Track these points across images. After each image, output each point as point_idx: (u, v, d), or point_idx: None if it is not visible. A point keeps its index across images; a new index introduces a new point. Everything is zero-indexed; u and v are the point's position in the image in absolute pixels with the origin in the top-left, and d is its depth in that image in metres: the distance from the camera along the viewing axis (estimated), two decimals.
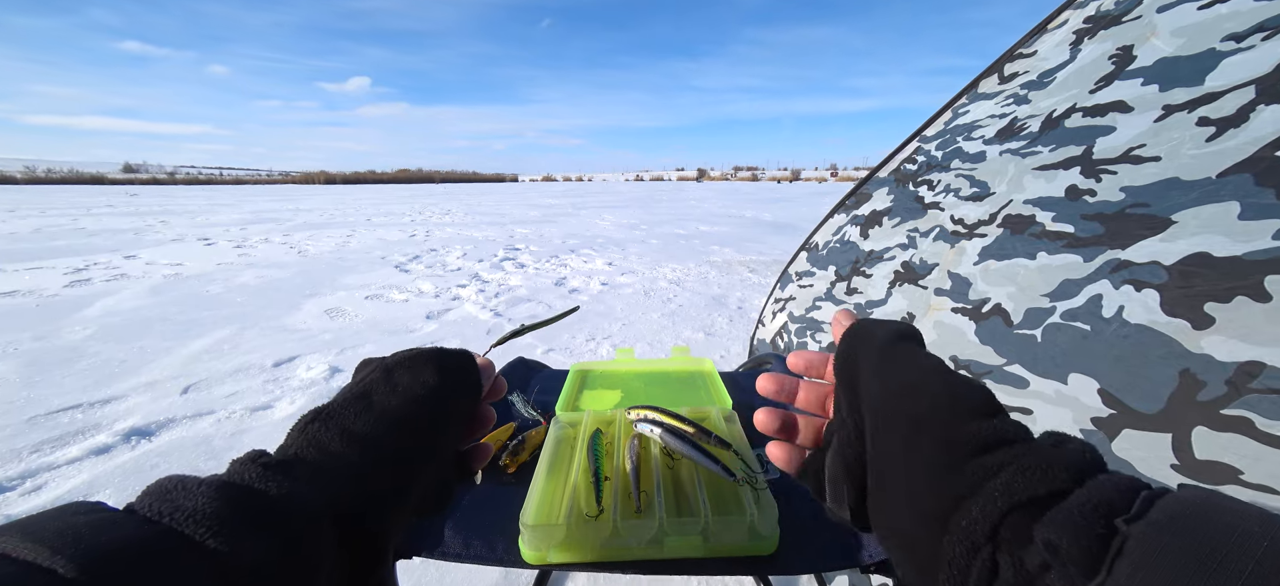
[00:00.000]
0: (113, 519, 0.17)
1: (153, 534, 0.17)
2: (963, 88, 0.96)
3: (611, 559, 0.46)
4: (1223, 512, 0.14)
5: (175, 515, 0.18)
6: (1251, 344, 0.34)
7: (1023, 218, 0.61)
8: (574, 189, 29.13)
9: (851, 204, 1.28)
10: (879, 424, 0.22)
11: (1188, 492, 0.16)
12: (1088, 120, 0.56)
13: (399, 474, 0.26)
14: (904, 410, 0.21)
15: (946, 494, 0.18)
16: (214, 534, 0.17)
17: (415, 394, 0.28)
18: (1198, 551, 0.13)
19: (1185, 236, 0.40)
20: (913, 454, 0.20)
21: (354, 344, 2.39)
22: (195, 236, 6.38)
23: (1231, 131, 0.39)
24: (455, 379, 0.30)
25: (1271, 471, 0.32)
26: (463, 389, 0.31)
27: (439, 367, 0.30)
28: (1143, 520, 0.14)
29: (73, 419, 1.67)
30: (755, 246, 5.47)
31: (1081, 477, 0.17)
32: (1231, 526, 0.13)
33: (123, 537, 0.16)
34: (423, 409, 0.28)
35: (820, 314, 1.16)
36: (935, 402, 0.21)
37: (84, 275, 3.91)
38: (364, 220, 8.59)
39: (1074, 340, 0.47)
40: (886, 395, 0.23)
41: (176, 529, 0.17)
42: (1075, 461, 0.17)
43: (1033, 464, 0.17)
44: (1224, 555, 0.13)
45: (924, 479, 0.19)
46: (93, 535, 0.15)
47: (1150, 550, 0.13)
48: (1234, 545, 0.13)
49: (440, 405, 0.29)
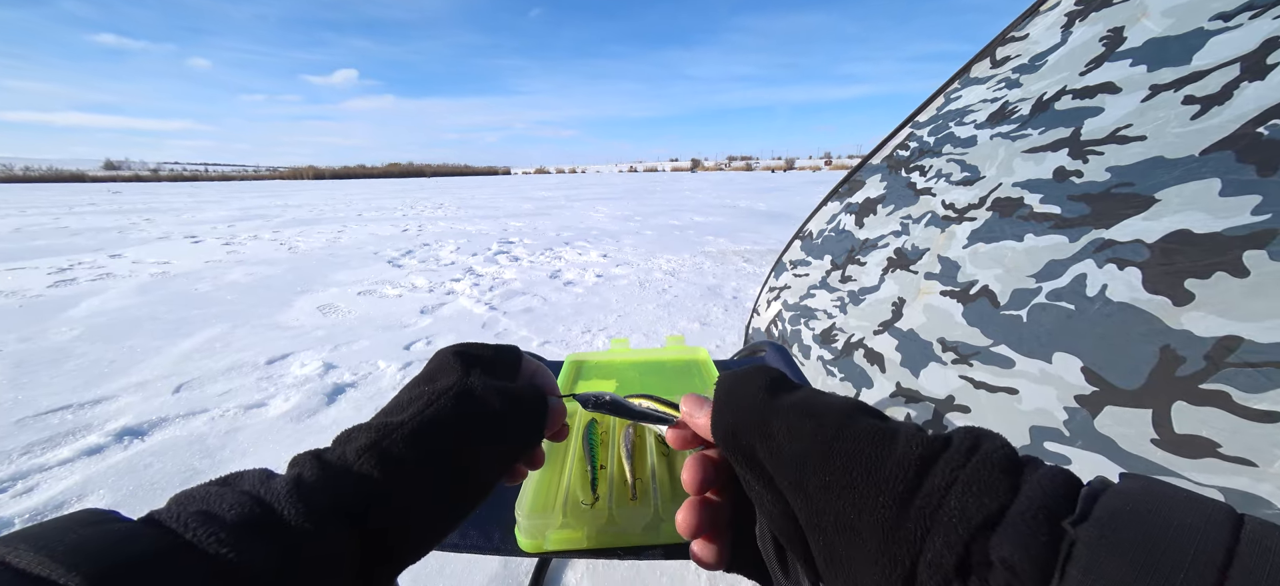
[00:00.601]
0: (129, 531, 0.17)
1: (170, 547, 0.16)
2: (955, 72, 0.96)
3: (608, 545, 0.46)
4: (1161, 504, 0.14)
5: (202, 529, 0.17)
6: (1229, 319, 0.35)
7: (1011, 200, 0.61)
8: (567, 181, 28.91)
9: (845, 191, 1.28)
10: (805, 489, 0.20)
11: (1127, 483, 0.16)
12: (1077, 102, 0.56)
13: (452, 512, 0.26)
14: (822, 465, 0.19)
15: (904, 543, 0.17)
16: (235, 551, 0.17)
17: (487, 436, 0.28)
18: (1141, 549, 0.13)
19: (1168, 214, 0.40)
20: (859, 513, 0.18)
21: (348, 340, 2.37)
22: (182, 234, 6.27)
23: (1215, 109, 0.39)
24: (529, 427, 0.30)
25: (1248, 444, 0.33)
26: (530, 436, 0.31)
27: (515, 421, 0.29)
28: (1088, 521, 0.14)
29: (63, 420, 1.65)
30: (750, 236, 5.47)
31: (1015, 479, 0.16)
32: (1169, 520, 0.14)
33: (140, 552, 0.15)
34: (489, 453, 0.28)
35: (814, 302, 1.17)
36: (851, 448, 0.19)
37: (68, 275, 3.84)
38: (355, 215, 8.48)
39: (1058, 320, 0.48)
40: (796, 459, 0.20)
41: (198, 545, 0.17)
42: (1002, 461, 0.17)
43: (973, 479, 0.17)
44: (1164, 551, 0.13)
45: (879, 536, 0.17)
46: (108, 550, 0.15)
47: (1097, 552, 0.14)
48: (1172, 540, 0.13)
49: (505, 460, 0.29)
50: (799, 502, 0.20)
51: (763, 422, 0.21)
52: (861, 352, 0.86)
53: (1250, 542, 0.13)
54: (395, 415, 0.26)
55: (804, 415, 0.21)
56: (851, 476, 0.18)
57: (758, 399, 0.22)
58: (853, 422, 0.20)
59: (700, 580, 1.01)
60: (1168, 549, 0.13)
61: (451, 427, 0.26)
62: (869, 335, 0.86)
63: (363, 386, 1.91)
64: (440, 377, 0.29)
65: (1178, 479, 0.36)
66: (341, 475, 0.22)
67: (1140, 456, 0.38)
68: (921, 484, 0.17)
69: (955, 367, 0.61)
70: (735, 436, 0.23)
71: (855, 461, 0.18)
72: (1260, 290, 0.34)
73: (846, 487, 0.18)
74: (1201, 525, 0.13)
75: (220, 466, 1.43)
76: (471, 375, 0.29)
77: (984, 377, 0.56)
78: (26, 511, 1.22)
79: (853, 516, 0.18)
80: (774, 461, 0.21)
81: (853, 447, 0.19)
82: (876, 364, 0.81)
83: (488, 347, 0.32)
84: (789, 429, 0.21)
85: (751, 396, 0.23)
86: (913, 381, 0.69)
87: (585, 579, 1.02)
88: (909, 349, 0.73)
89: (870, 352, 0.84)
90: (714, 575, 1.02)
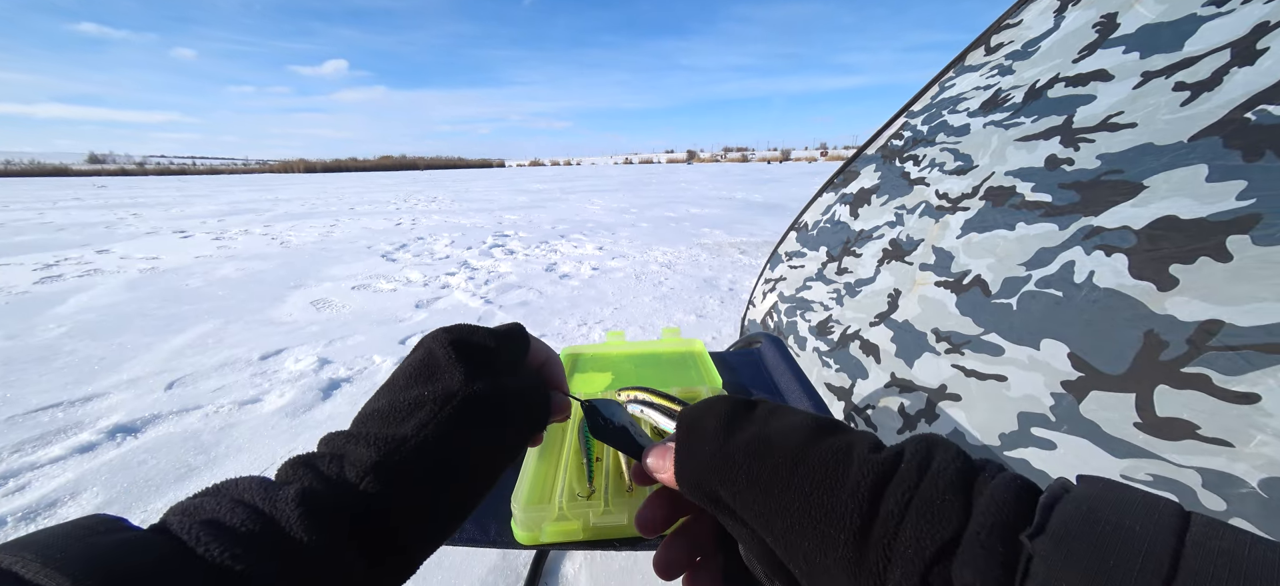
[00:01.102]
0: (136, 540, 0.16)
1: (178, 557, 0.16)
2: (950, 61, 0.95)
3: (605, 536, 0.47)
4: (1113, 511, 0.15)
5: (215, 543, 0.17)
6: (1212, 303, 0.35)
7: (1004, 189, 0.62)
8: (562, 173, 28.71)
9: (840, 182, 1.28)
10: (772, 528, 0.20)
11: (1083, 489, 0.16)
12: (1069, 90, 0.56)
13: (456, 517, 0.26)
14: (782, 506, 0.19)
15: (869, 576, 0.17)
16: (249, 568, 0.17)
17: (486, 456, 0.27)
18: (1092, 558, 0.14)
19: (1156, 200, 0.41)
20: (824, 552, 0.18)
21: (342, 335, 2.36)
22: (170, 229, 6.18)
23: (1205, 95, 0.39)
24: (529, 431, 0.30)
25: (1225, 425, 0.34)
26: (535, 431, 0.30)
27: (521, 423, 0.29)
28: (1044, 534, 0.15)
29: (53, 417, 1.64)
30: (746, 228, 5.47)
31: (967, 497, 0.17)
32: (1119, 525, 0.14)
33: (149, 564, 0.15)
34: (489, 469, 0.27)
35: (810, 293, 1.18)
36: (805, 484, 0.19)
37: (55, 271, 3.77)
38: (347, 209, 8.38)
39: (1047, 307, 0.48)
40: (758, 500, 0.20)
41: (207, 557, 0.16)
42: (952, 476, 0.17)
43: (925, 503, 0.17)
44: (1114, 560, 0.13)
45: (847, 571, 0.18)
46: (116, 560, 0.15)
47: (1053, 563, 0.14)
48: (1122, 548, 0.14)
49: (506, 459, 0.28)
50: (770, 540, 0.20)
51: (722, 467, 0.21)
52: (857, 344, 0.87)
53: (1195, 545, 0.13)
54: (395, 424, 0.25)
55: (761, 454, 0.21)
56: (811, 514, 0.18)
57: (715, 441, 0.22)
58: (806, 452, 0.20)
59: None
60: (1118, 557, 0.13)
61: (459, 442, 0.25)
62: (865, 326, 0.87)
63: (358, 381, 1.91)
64: (440, 378, 0.27)
65: (1158, 460, 0.37)
66: (346, 491, 0.22)
67: (1123, 439, 0.39)
68: (877, 512, 0.17)
69: (948, 357, 0.62)
70: (699, 485, 0.22)
71: (812, 497, 0.19)
72: (1242, 274, 0.34)
73: (809, 525, 0.18)
74: (1149, 530, 0.14)
75: (216, 462, 1.42)
76: (476, 378, 0.27)
77: (975, 366, 0.56)
78: (19, 509, 1.21)
79: (819, 555, 0.18)
80: (740, 504, 0.21)
81: (807, 484, 0.19)
82: (872, 355, 0.81)
83: (488, 335, 0.30)
84: (747, 472, 0.21)
85: (710, 438, 0.22)
86: (907, 371, 0.70)
87: (583, 569, 1.03)
88: (904, 340, 0.74)
89: (866, 344, 0.84)
90: None
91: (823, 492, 0.18)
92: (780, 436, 0.21)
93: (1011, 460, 0.49)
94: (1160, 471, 0.36)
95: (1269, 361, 0.32)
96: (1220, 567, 0.13)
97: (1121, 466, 0.38)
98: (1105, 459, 0.40)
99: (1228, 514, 0.32)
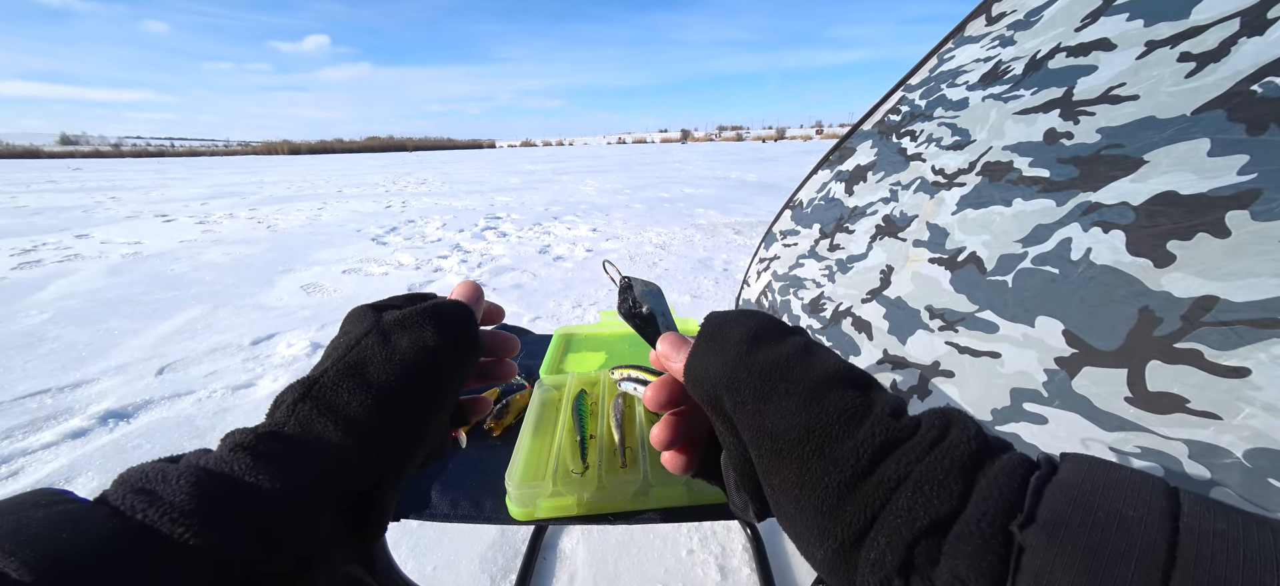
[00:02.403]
0: (77, 512, 0.16)
1: (118, 529, 0.15)
2: (950, 31, 0.93)
3: (599, 511, 0.47)
4: (1103, 496, 0.14)
5: (149, 509, 0.16)
6: (1208, 279, 0.35)
7: (1001, 164, 0.61)
8: (554, 154, 28.21)
9: (835, 159, 1.27)
10: (759, 447, 0.20)
11: (1068, 471, 0.16)
12: (1071, 60, 0.55)
13: (397, 452, 0.25)
14: (780, 431, 0.19)
15: (847, 525, 0.17)
16: (189, 529, 0.16)
17: (413, 361, 0.26)
18: (1087, 554, 0.13)
19: (1156, 175, 0.40)
20: (802, 487, 0.18)
21: (334, 319, 2.34)
22: (152, 213, 6.02)
23: (1211, 67, 0.38)
24: (455, 338, 0.28)
25: (1214, 398, 0.34)
26: (463, 349, 0.29)
27: (437, 328, 0.28)
28: (1034, 524, 0.14)
29: (42, 404, 1.62)
30: (741, 208, 5.44)
31: (970, 479, 0.16)
32: (1111, 513, 0.14)
33: (85, 534, 0.15)
34: (421, 377, 0.26)
35: (803, 271, 1.17)
36: (814, 422, 0.18)
37: (32, 256, 3.67)
38: (335, 192, 8.20)
39: (1043, 284, 0.48)
40: (756, 418, 0.20)
41: (149, 524, 0.16)
42: (963, 456, 0.16)
43: (926, 477, 0.16)
44: (1109, 552, 0.13)
45: (817, 512, 0.18)
46: (52, 532, 0.14)
47: (1045, 559, 0.14)
48: (1116, 539, 0.13)
49: (439, 370, 0.27)
50: (755, 456, 0.20)
51: (733, 376, 0.21)
52: (849, 321, 0.87)
53: (1188, 529, 0.13)
54: (317, 370, 0.25)
55: (778, 377, 0.20)
56: (805, 450, 0.18)
57: (737, 349, 0.22)
58: (824, 394, 0.19)
59: (691, 542, 1.05)
60: (1113, 549, 0.13)
61: (376, 358, 0.25)
62: (857, 303, 0.87)
63: None
64: (355, 326, 0.28)
65: (1146, 433, 0.37)
66: (278, 429, 0.22)
67: (1113, 414, 0.39)
68: (873, 471, 0.17)
69: (941, 334, 0.62)
70: (702, 383, 0.22)
71: (814, 436, 0.18)
72: (1239, 250, 0.34)
73: (798, 459, 0.18)
74: (1142, 516, 0.14)
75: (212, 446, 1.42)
76: (385, 312, 0.28)
77: (968, 343, 0.57)
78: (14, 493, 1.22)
79: (796, 488, 0.18)
80: (738, 415, 0.21)
81: (817, 422, 0.19)
82: (864, 332, 0.82)
83: (402, 295, 0.31)
84: (757, 388, 0.20)
85: (733, 346, 0.22)
86: (899, 348, 0.70)
87: (581, 544, 1.06)
88: (896, 316, 0.74)
89: (858, 321, 0.85)
90: (706, 537, 1.06)
91: (828, 436, 0.18)
92: (805, 368, 0.20)
93: (1003, 434, 0.50)
94: (1148, 443, 0.37)
95: (1260, 336, 0.32)
96: (1218, 551, 0.12)
97: (1111, 439, 0.39)
98: (1095, 432, 0.40)
99: (1212, 482, 0.33)
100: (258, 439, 0.21)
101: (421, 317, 0.28)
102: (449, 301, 0.31)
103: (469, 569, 1.00)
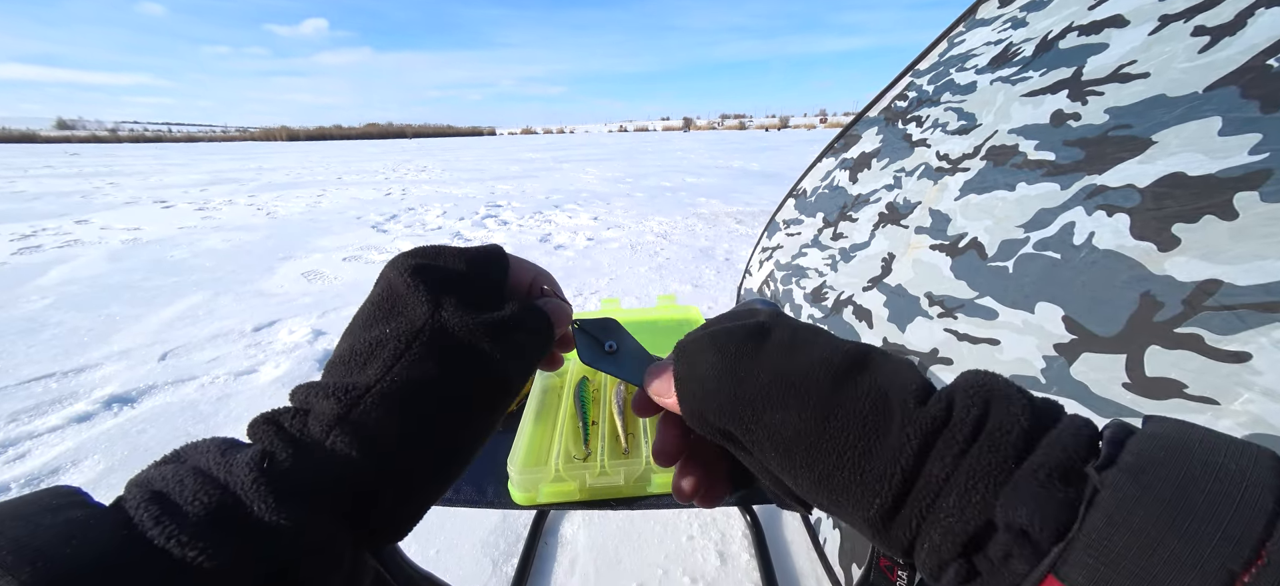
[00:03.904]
0: (86, 520, 0.15)
1: (126, 543, 0.15)
2: (961, 14, 0.91)
3: (601, 496, 0.48)
4: (1198, 446, 0.13)
5: (162, 523, 0.15)
6: (1212, 262, 0.35)
7: (1006, 148, 0.60)
8: (556, 141, 27.95)
9: (840, 147, 1.25)
10: (795, 479, 0.18)
11: (1156, 426, 0.14)
12: (1082, 39, 0.53)
13: (437, 489, 0.23)
14: (810, 462, 0.17)
15: (895, 542, 0.16)
16: (202, 553, 0.15)
17: (480, 403, 0.23)
18: (1176, 495, 0.12)
19: (1164, 157, 0.39)
20: (841, 508, 0.17)
21: (336, 306, 2.34)
22: (151, 199, 5.99)
23: (1226, 40, 0.37)
24: (528, 370, 0.25)
25: (1213, 383, 0.34)
26: (531, 364, 0.25)
27: (508, 352, 0.23)
28: (1114, 466, 0.13)
29: (47, 388, 1.63)
30: (743, 197, 5.40)
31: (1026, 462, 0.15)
32: (1207, 463, 0.12)
33: (92, 547, 0.14)
34: (486, 423, 0.23)
35: (806, 260, 1.17)
36: (840, 438, 0.17)
37: (32, 242, 3.67)
38: (334, 179, 8.15)
39: (1044, 269, 0.48)
40: (783, 448, 0.18)
41: (159, 545, 0.15)
42: (1015, 440, 0.15)
43: (974, 477, 0.15)
44: (1204, 497, 0.12)
45: (866, 525, 0.16)
46: (57, 544, 0.14)
47: (1127, 496, 0.12)
48: (1214, 481, 0.12)
49: (506, 401, 0.24)
50: (791, 483, 0.19)
51: (736, 412, 0.19)
52: (851, 309, 0.87)
53: None
54: (356, 370, 0.21)
55: (785, 392, 0.18)
56: (843, 476, 0.17)
57: (725, 382, 0.19)
58: (838, 401, 0.17)
59: (692, 528, 1.07)
60: (1208, 492, 0.12)
61: (431, 387, 0.21)
62: (858, 291, 0.86)
63: None
64: (401, 313, 0.23)
65: (1135, 417, 0.37)
66: (310, 450, 0.19)
67: (1109, 400, 0.39)
68: (915, 483, 0.15)
69: (940, 321, 0.62)
70: (705, 423, 0.20)
71: (846, 455, 0.17)
72: (1246, 232, 0.34)
73: (840, 488, 0.17)
74: (1240, 468, 0.12)
75: (215, 431, 1.43)
76: (443, 308, 0.22)
77: (967, 330, 0.56)
78: (22, 476, 1.23)
79: (839, 511, 0.17)
80: (759, 448, 0.19)
81: (842, 438, 0.17)
82: (864, 320, 0.81)
83: (457, 256, 0.25)
84: (768, 424, 0.18)
85: (714, 379, 0.20)
86: (899, 336, 0.70)
87: (582, 529, 1.07)
88: (897, 304, 0.74)
89: (859, 309, 0.84)
90: (705, 523, 1.08)
91: (858, 454, 0.16)
92: (804, 377, 0.18)
93: None
94: None
95: (1264, 320, 0.32)
96: None
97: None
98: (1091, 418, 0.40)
99: None
100: (289, 468, 0.18)
101: (496, 334, 0.23)
102: (533, 311, 0.25)
103: (471, 553, 1.02)
